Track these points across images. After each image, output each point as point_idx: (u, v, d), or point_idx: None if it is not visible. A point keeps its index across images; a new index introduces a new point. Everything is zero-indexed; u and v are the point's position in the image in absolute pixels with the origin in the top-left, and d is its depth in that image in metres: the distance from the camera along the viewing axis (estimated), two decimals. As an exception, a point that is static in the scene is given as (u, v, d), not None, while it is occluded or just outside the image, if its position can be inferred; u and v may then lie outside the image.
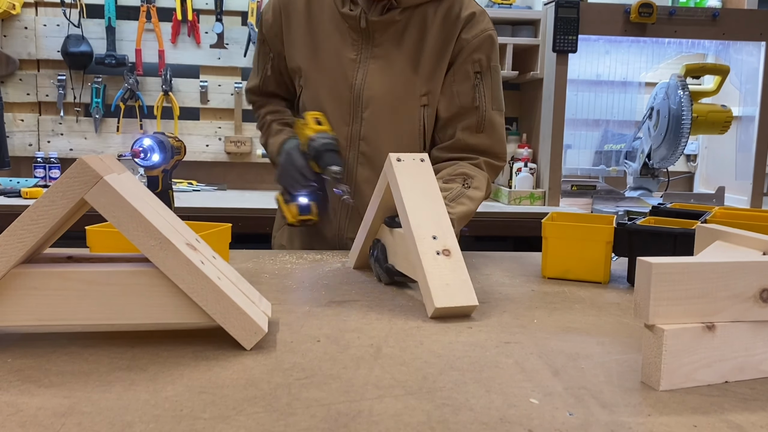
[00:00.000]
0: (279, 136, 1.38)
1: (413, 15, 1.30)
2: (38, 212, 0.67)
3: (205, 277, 0.69)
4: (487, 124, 1.33)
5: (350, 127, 1.33)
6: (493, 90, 1.34)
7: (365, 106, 1.32)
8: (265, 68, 1.44)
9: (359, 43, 1.31)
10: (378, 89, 1.31)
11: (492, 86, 1.33)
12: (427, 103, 1.32)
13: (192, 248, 0.73)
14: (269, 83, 1.46)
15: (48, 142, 2.84)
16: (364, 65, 1.31)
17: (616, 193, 2.85)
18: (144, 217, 0.68)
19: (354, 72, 1.32)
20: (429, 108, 1.32)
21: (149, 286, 0.70)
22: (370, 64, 1.31)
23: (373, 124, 1.33)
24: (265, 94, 1.49)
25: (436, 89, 1.32)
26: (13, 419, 0.55)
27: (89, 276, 0.70)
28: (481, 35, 1.31)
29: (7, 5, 2.64)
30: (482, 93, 1.32)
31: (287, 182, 1.30)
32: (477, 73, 1.32)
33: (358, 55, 1.32)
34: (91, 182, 0.67)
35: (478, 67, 1.32)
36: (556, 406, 0.61)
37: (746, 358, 0.68)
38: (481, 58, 1.31)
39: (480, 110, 1.31)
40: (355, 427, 0.55)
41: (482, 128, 1.32)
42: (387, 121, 1.32)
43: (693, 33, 2.68)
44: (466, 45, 1.31)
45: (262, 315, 0.77)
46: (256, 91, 1.49)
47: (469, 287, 0.90)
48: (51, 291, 0.70)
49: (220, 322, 0.71)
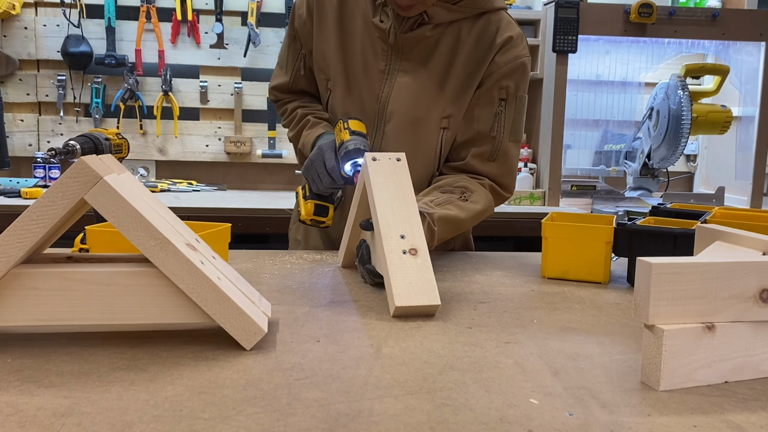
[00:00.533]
0: (315, 129, 1.32)
1: (446, 31, 1.26)
2: (38, 212, 0.67)
3: (205, 277, 0.70)
4: (500, 155, 1.30)
5: (372, 139, 1.31)
6: (515, 121, 1.30)
7: (388, 120, 1.29)
8: (297, 66, 1.38)
9: (388, 54, 1.27)
10: (402, 104, 1.28)
11: (515, 117, 1.30)
12: (448, 126, 1.29)
13: (192, 248, 0.73)
14: (300, 81, 1.40)
15: (48, 142, 2.84)
16: (391, 78, 1.28)
17: (616, 193, 2.85)
18: (144, 217, 0.68)
19: (381, 83, 1.28)
20: (449, 131, 1.30)
21: (149, 286, 0.70)
22: (398, 77, 1.28)
23: (393, 138, 1.30)
24: (294, 92, 1.43)
25: (459, 113, 1.29)
26: (13, 419, 0.55)
27: (89, 276, 0.70)
28: (514, 62, 1.27)
29: (7, 5, 2.64)
30: (502, 123, 1.28)
31: (312, 177, 1.25)
32: (502, 100, 1.28)
33: (387, 66, 1.28)
34: (91, 182, 0.67)
35: (504, 94, 1.28)
36: (556, 406, 0.61)
37: (746, 358, 0.68)
38: (509, 85, 1.27)
39: (496, 140, 1.29)
40: (355, 427, 0.55)
41: (494, 158, 1.30)
42: (407, 137, 1.29)
43: (693, 33, 2.68)
44: (496, 69, 1.26)
45: (262, 315, 0.77)
46: (284, 88, 1.43)
47: (432, 287, 0.90)
48: (51, 291, 0.69)
49: (220, 323, 0.71)
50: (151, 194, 0.80)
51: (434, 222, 1.15)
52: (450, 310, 0.93)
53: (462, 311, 0.93)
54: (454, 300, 0.99)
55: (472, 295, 1.02)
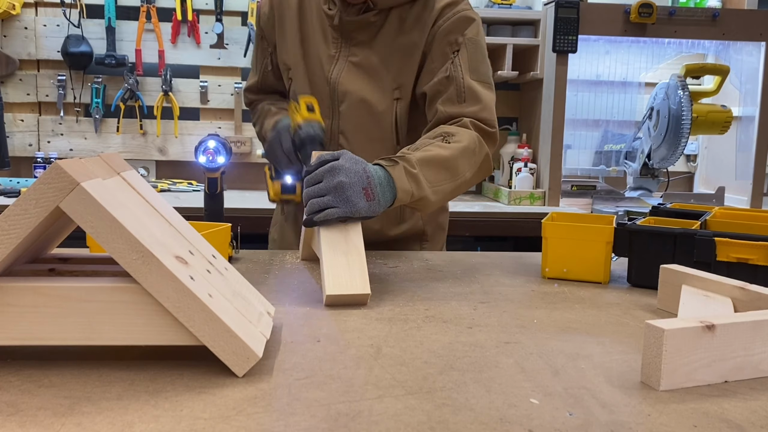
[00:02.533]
0: (275, 116, 1.39)
1: (389, 16, 1.31)
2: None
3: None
4: (468, 94, 1.27)
5: (330, 121, 1.36)
6: (471, 60, 1.29)
7: (341, 101, 1.35)
8: (264, 63, 1.46)
9: (338, 41, 1.34)
10: (352, 84, 1.33)
11: (469, 57, 1.29)
12: (400, 97, 1.33)
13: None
14: (269, 78, 1.48)
15: (48, 142, 2.84)
16: (341, 62, 1.34)
17: (616, 193, 2.85)
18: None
19: (331, 67, 1.34)
20: (402, 101, 1.33)
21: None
22: (348, 60, 1.34)
23: (349, 117, 1.35)
24: (264, 90, 1.51)
25: (408, 81, 1.32)
26: (13, 419, 0.55)
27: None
28: (453, 17, 1.30)
29: (7, 5, 2.64)
30: (458, 64, 1.28)
31: (272, 158, 1.30)
32: (454, 52, 1.29)
33: (337, 52, 1.34)
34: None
35: (456, 46, 1.29)
36: (556, 406, 0.61)
37: (745, 358, 0.68)
38: (456, 37, 1.29)
39: (456, 79, 1.27)
40: (355, 427, 0.55)
41: (463, 98, 1.27)
42: (361, 114, 1.34)
43: (693, 33, 2.68)
44: (439, 29, 1.29)
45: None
46: (255, 89, 1.51)
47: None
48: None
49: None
50: (154, 195, 0.78)
51: (413, 165, 1.09)
52: (450, 310, 0.93)
53: (462, 311, 0.93)
54: (454, 300, 0.99)
55: (472, 295, 1.02)
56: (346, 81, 1.33)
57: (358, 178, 1.00)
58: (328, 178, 0.99)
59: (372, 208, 1.01)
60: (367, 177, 1.01)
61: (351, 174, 1.00)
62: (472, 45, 1.30)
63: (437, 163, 1.14)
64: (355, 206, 0.99)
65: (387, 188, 1.05)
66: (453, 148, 1.17)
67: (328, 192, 0.99)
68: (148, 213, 0.72)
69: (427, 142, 1.19)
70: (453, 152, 1.16)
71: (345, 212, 0.99)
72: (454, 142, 1.18)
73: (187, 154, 2.91)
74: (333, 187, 0.99)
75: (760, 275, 1.00)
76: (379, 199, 1.02)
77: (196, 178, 2.91)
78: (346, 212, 0.99)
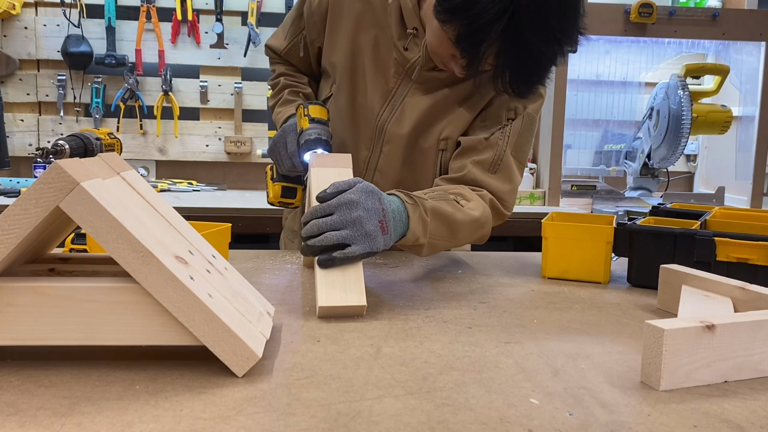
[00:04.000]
0: (287, 108, 1.32)
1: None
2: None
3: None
4: (502, 167, 1.21)
5: (370, 153, 1.30)
6: (521, 136, 1.23)
7: (386, 141, 1.28)
8: (295, 41, 1.37)
9: (399, 77, 1.25)
10: (401, 128, 1.26)
11: (520, 131, 1.23)
12: (446, 148, 1.26)
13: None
14: (294, 56, 1.40)
15: (48, 142, 2.84)
16: (396, 99, 1.26)
17: (616, 193, 2.85)
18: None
19: (385, 103, 1.27)
20: (447, 153, 1.26)
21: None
22: (404, 101, 1.26)
23: (390, 159, 1.28)
24: (287, 61, 1.43)
25: (457, 134, 1.26)
26: (13, 419, 0.55)
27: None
28: None
29: (7, 5, 2.64)
30: (506, 134, 1.22)
31: (275, 158, 1.26)
32: (509, 120, 1.23)
33: (395, 88, 1.26)
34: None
35: (513, 114, 1.23)
36: (556, 406, 0.61)
37: (745, 358, 0.68)
38: (517, 107, 1.23)
39: (499, 148, 1.21)
40: (355, 427, 0.55)
41: (496, 169, 1.21)
42: (404, 159, 1.28)
43: (693, 33, 2.68)
44: None
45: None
46: (277, 52, 1.42)
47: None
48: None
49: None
50: (154, 195, 0.78)
51: (426, 212, 1.05)
52: (450, 310, 0.93)
53: (462, 311, 0.93)
54: (454, 300, 0.99)
55: (472, 295, 1.02)
56: (396, 122, 1.26)
57: (375, 211, 0.95)
58: (344, 212, 0.93)
59: (386, 241, 0.96)
60: (383, 210, 0.96)
61: (368, 208, 0.94)
62: (528, 121, 1.24)
63: (445, 221, 1.09)
64: (374, 241, 0.93)
65: (399, 223, 0.99)
66: (465, 213, 1.12)
67: (345, 226, 0.93)
68: (148, 213, 0.72)
69: (442, 194, 1.12)
70: (463, 218, 1.11)
71: (365, 249, 0.93)
72: (468, 209, 1.13)
73: (186, 154, 2.91)
74: (351, 222, 0.93)
75: (760, 275, 1.00)
76: (390, 233, 0.97)
77: (196, 178, 2.91)
78: (366, 249, 0.93)
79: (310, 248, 0.93)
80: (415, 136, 1.26)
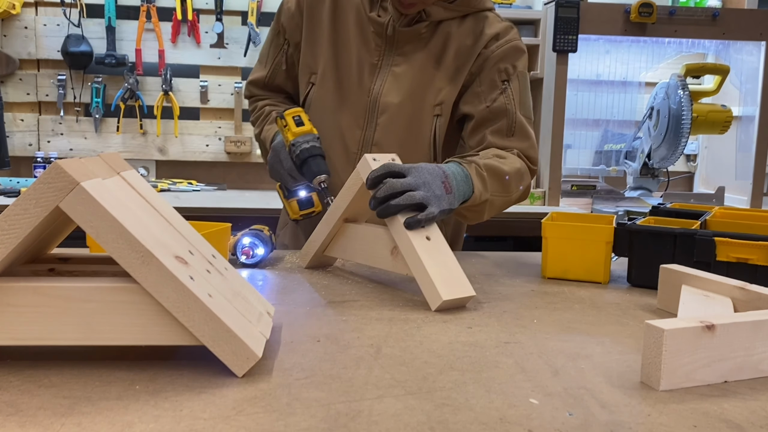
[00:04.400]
0: (272, 127, 1.34)
1: (437, 29, 1.30)
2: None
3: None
4: (518, 128, 1.28)
5: (364, 131, 1.32)
6: (522, 95, 1.31)
7: (381, 112, 1.31)
8: (278, 60, 1.40)
9: (382, 48, 1.30)
10: (395, 96, 1.30)
11: (520, 91, 1.30)
12: (440, 113, 1.31)
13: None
14: (278, 76, 1.42)
15: (48, 142, 2.84)
16: (384, 71, 1.30)
17: (616, 193, 2.85)
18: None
19: (373, 77, 1.31)
20: (441, 118, 1.31)
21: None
22: (391, 70, 1.30)
23: (387, 130, 1.31)
24: (270, 88, 1.45)
25: (449, 99, 1.31)
26: (13, 419, 0.55)
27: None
28: (505, 45, 1.30)
29: (7, 5, 2.64)
30: (511, 97, 1.29)
31: (277, 179, 1.30)
32: (504, 81, 1.30)
33: (380, 60, 1.30)
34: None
35: (505, 75, 1.30)
36: (556, 406, 0.61)
37: (745, 358, 0.68)
38: (507, 67, 1.30)
39: (510, 113, 1.28)
40: (355, 427, 0.55)
41: (513, 132, 1.28)
42: (401, 128, 1.31)
43: (693, 33, 2.68)
44: (490, 55, 1.29)
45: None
46: (260, 84, 1.44)
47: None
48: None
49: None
50: (154, 195, 0.78)
51: (482, 168, 1.11)
52: (450, 310, 0.93)
53: (462, 311, 0.93)
54: (454, 300, 0.99)
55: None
56: (388, 92, 1.30)
57: (437, 174, 1.02)
58: (415, 174, 0.99)
59: (451, 201, 1.02)
60: (443, 172, 1.03)
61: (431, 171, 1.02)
62: (523, 79, 1.32)
63: (496, 175, 1.16)
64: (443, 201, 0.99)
65: (462, 183, 1.06)
66: (510, 165, 1.20)
67: (419, 187, 0.98)
68: (148, 213, 0.72)
69: (483, 154, 1.19)
70: (509, 169, 1.19)
71: (440, 208, 0.99)
72: (510, 161, 1.21)
73: (187, 153, 2.91)
74: (423, 183, 0.99)
75: (760, 275, 1.00)
76: (454, 192, 1.03)
77: (196, 178, 2.91)
78: (441, 207, 0.99)
79: (393, 207, 0.96)
80: (409, 103, 1.30)
